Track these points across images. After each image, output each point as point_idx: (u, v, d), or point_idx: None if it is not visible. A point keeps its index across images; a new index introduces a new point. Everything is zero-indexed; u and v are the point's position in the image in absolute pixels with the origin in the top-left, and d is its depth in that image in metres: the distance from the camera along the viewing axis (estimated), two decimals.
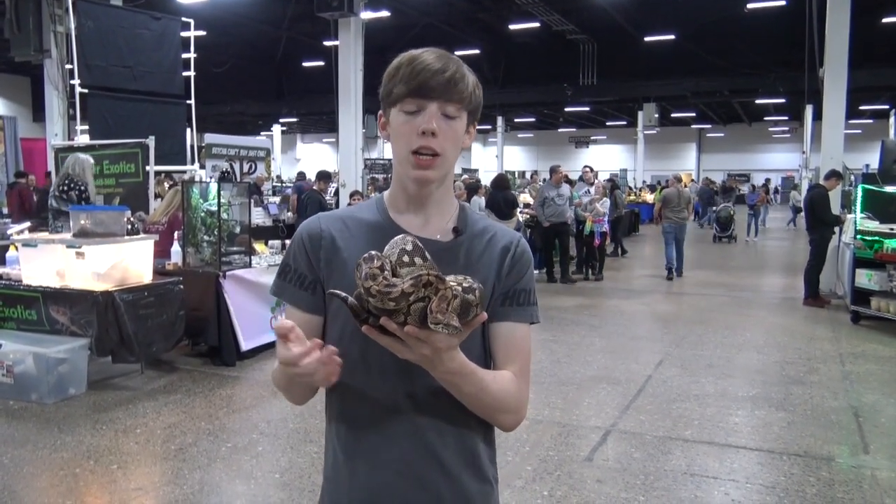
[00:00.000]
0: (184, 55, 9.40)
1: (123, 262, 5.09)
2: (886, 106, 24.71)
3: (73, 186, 6.20)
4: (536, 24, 19.71)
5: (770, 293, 9.64)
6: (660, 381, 5.29)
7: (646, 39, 20.57)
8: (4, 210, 11.77)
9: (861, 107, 26.76)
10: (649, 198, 22.52)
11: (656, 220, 11.47)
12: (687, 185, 19.46)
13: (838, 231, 8.81)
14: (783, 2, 16.39)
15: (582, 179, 11.47)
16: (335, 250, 1.20)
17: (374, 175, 15.94)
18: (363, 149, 12.61)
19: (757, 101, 27.84)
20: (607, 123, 37.39)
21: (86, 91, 8.28)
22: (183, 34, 9.35)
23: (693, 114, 33.24)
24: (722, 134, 40.88)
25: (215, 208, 5.68)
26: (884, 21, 17.52)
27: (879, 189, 8.33)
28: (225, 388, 5.10)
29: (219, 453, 3.90)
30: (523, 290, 1.22)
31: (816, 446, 4.04)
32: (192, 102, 9.40)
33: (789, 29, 17.00)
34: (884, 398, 4.95)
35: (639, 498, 3.38)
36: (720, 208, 17.56)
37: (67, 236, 5.20)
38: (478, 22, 21.25)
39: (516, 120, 36.88)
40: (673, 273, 10.63)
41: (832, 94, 9.36)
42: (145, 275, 5.28)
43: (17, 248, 5.51)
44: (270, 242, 7.07)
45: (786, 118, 34.52)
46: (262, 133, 33.11)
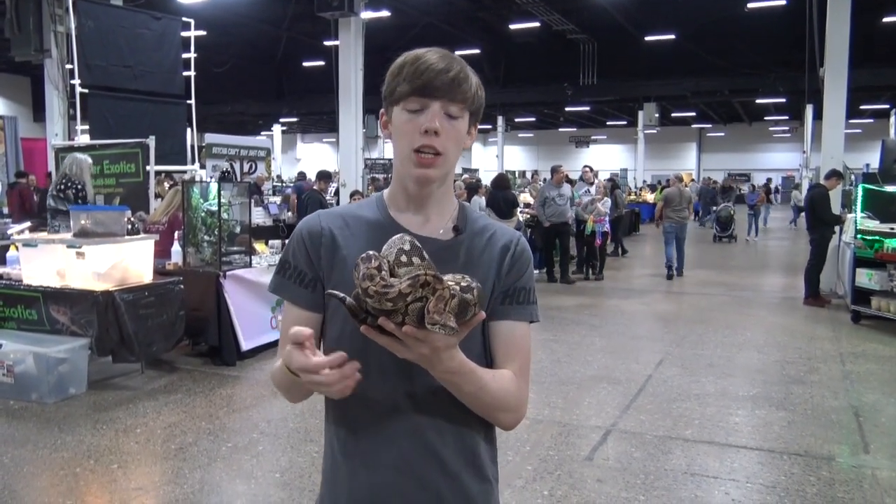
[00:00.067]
0: (184, 55, 9.41)
1: (124, 262, 5.10)
2: (887, 105, 24.71)
3: (70, 186, 6.20)
4: (537, 24, 19.71)
5: (770, 293, 9.64)
6: (660, 381, 5.29)
7: (646, 39, 20.57)
8: (5, 210, 11.77)
9: (861, 106, 26.74)
10: (649, 197, 22.52)
11: (657, 223, 11.44)
12: (688, 185, 19.45)
13: (839, 230, 8.81)
14: (783, 1, 16.39)
15: (582, 179, 11.48)
16: (335, 248, 1.20)
17: (375, 175, 15.94)
18: (363, 148, 12.62)
19: (757, 101, 27.83)
20: (608, 123, 37.39)
21: (86, 91, 8.29)
22: (183, 34, 9.37)
23: (693, 113, 33.23)
24: (722, 133, 40.88)
25: (215, 208, 5.69)
26: (884, 20, 17.52)
27: (880, 188, 8.33)
28: (225, 388, 5.10)
29: (219, 453, 3.90)
30: (523, 289, 1.22)
31: (817, 446, 4.04)
32: (193, 102, 9.42)
33: (789, 28, 17.01)
34: (884, 398, 4.95)
35: (639, 497, 3.38)
36: (720, 208, 17.54)
37: (68, 236, 5.20)
38: (478, 21, 21.26)
39: (517, 119, 36.86)
40: (673, 272, 10.63)
41: (832, 94, 9.36)
42: (146, 275, 5.29)
43: (18, 248, 5.51)
44: (271, 242, 7.08)
45: (786, 118, 34.51)
46: (263, 133, 33.13)
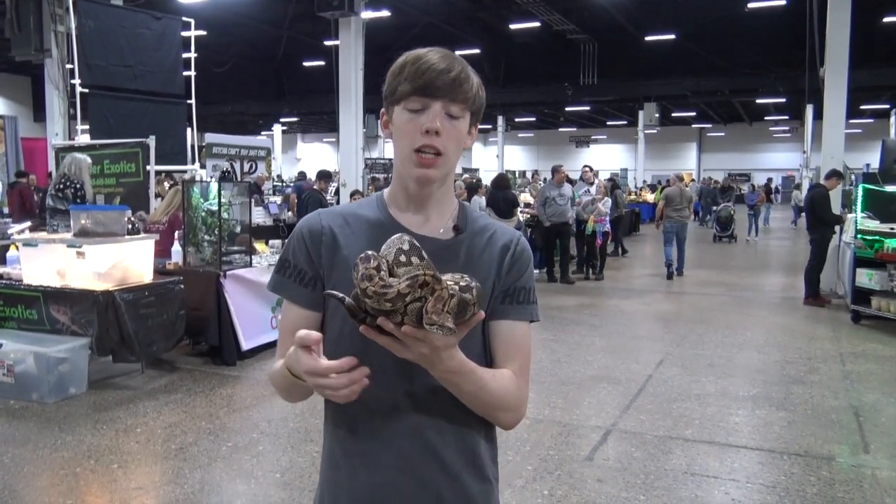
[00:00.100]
0: (184, 55, 9.42)
1: (124, 262, 5.10)
2: (887, 105, 24.72)
3: (69, 185, 6.20)
4: (537, 24, 19.71)
5: (771, 293, 9.64)
6: (660, 381, 5.29)
7: (646, 39, 20.57)
8: (5, 210, 11.75)
9: (861, 106, 26.76)
10: (650, 197, 22.52)
11: (657, 223, 11.43)
12: (688, 185, 19.45)
13: (839, 230, 8.81)
14: (783, 1, 16.39)
15: (582, 179, 11.48)
16: (336, 247, 1.20)
17: (375, 175, 15.93)
18: (364, 148, 12.62)
19: (757, 101, 27.83)
20: (608, 123, 37.39)
21: (86, 91, 8.30)
22: (183, 34, 9.37)
23: (693, 113, 33.22)
24: (722, 133, 40.86)
25: (216, 208, 5.69)
26: (884, 20, 17.52)
27: (880, 188, 8.33)
28: (225, 388, 5.10)
29: (219, 453, 3.90)
30: (523, 289, 1.22)
31: (817, 446, 4.04)
32: (193, 102, 9.42)
33: (789, 28, 17.00)
34: (884, 397, 4.95)
35: (639, 497, 3.38)
36: (720, 208, 17.55)
37: (68, 236, 5.20)
38: (478, 21, 21.26)
39: (517, 119, 36.87)
40: (672, 272, 10.63)
41: (833, 94, 9.36)
42: (146, 274, 5.29)
43: (18, 248, 5.51)
44: (271, 242, 7.08)
45: (786, 118, 34.52)
46: (263, 133, 33.16)
